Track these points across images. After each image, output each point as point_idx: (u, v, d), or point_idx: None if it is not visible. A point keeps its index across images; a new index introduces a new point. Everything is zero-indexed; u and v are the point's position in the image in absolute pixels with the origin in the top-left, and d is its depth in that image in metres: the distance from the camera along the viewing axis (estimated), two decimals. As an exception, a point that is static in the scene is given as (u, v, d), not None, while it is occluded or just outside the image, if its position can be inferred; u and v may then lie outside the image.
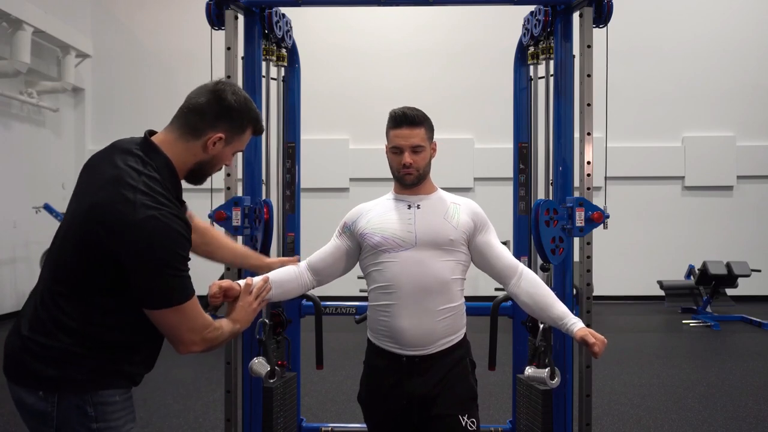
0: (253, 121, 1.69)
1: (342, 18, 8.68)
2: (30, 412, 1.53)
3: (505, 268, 2.01)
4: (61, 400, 1.49)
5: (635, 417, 4.00)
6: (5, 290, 7.54)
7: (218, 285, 1.80)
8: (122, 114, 8.94)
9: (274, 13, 2.74)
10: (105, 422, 1.50)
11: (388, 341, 1.94)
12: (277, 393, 2.72)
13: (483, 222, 2.01)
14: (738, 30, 8.65)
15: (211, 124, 1.61)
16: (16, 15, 6.95)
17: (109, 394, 1.51)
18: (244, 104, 1.65)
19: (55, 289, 1.50)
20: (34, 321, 1.51)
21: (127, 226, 1.41)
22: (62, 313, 1.48)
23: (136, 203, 1.43)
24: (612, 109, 2.86)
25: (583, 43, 2.55)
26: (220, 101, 1.61)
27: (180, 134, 1.62)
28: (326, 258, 2.07)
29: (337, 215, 2.33)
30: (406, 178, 1.97)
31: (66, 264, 1.50)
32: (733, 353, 5.83)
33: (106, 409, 1.50)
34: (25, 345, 1.50)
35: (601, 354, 1.83)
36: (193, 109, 1.62)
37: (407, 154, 1.94)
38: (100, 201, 1.46)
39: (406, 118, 1.95)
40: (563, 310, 1.94)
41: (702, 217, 8.73)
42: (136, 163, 1.52)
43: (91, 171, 1.58)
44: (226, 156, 1.68)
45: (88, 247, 1.46)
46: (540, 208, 2.47)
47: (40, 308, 1.51)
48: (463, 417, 1.90)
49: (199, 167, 1.65)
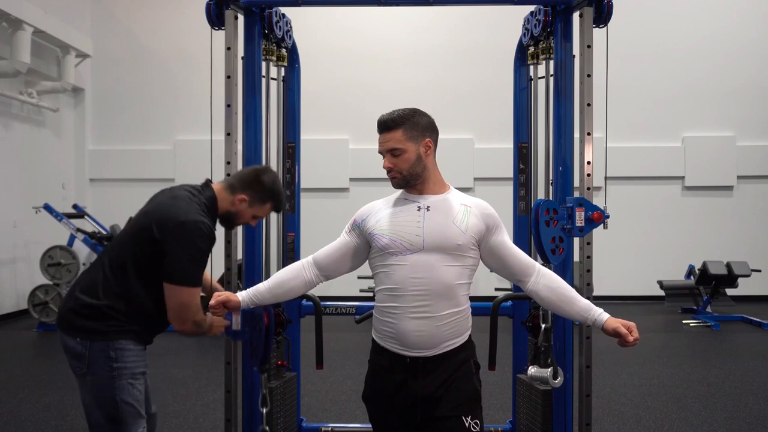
0: (274, 200, 2.32)
1: (342, 18, 8.68)
2: (70, 353, 2.12)
3: (523, 267, 2.01)
4: (92, 344, 2.08)
5: (635, 417, 4.00)
6: (5, 290, 7.53)
7: (216, 299, 2.06)
8: (122, 114, 8.94)
9: (274, 13, 2.74)
10: (123, 363, 2.10)
11: (392, 342, 1.94)
12: (277, 393, 2.72)
13: (495, 223, 2.00)
14: (738, 30, 8.65)
15: (243, 188, 2.27)
16: (16, 15, 6.95)
17: (126, 343, 2.11)
18: (272, 186, 2.30)
19: (114, 264, 2.12)
20: (86, 285, 2.13)
21: (176, 223, 2.05)
22: (114, 281, 2.10)
23: (189, 211, 2.09)
24: (612, 109, 2.85)
25: (583, 43, 2.55)
26: (256, 176, 2.28)
27: (225, 186, 2.29)
28: (333, 254, 2.07)
29: (337, 215, 2.34)
30: (392, 182, 1.99)
31: (125, 249, 2.13)
32: (733, 353, 5.83)
33: (124, 353, 2.10)
34: (74, 304, 2.12)
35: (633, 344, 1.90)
36: (239, 175, 2.33)
37: (386, 159, 1.97)
38: (158, 208, 2.14)
39: (381, 124, 1.97)
40: (587, 302, 1.98)
41: (702, 217, 8.73)
42: (192, 192, 2.21)
43: (157, 194, 2.26)
44: (247, 215, 2.31)
45: (143, 237, 2.08)
46: (540, 208, 2.47)
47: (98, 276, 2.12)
48: (466, 418, 1.90)
49: (227, 215, 2.30)
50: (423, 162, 1.96)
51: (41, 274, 6.94)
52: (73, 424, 3.87)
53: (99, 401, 2.11)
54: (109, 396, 2.09)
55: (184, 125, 8.65)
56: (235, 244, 2.63)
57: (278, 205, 2.35)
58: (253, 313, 2.48)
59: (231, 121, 2.60)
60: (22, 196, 7.63)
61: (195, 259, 2.08)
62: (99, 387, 2.10)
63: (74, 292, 2.16)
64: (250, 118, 2.72)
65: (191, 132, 8.58)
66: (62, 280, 6.86)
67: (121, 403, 2.10)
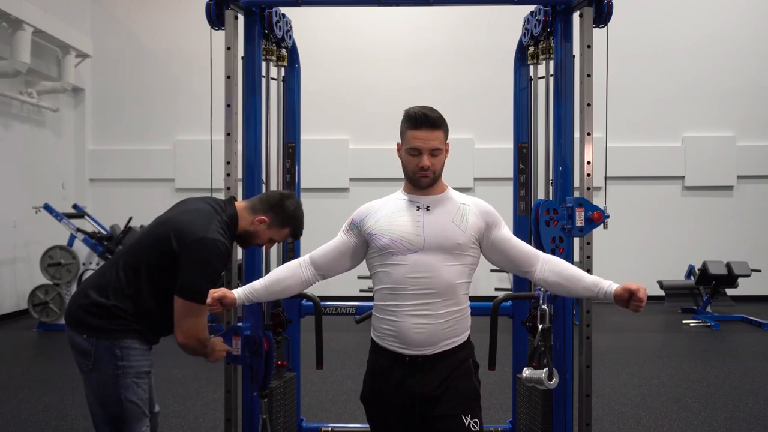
0: (293, 226, 2.33)
1: (342, 18, 8.68)
2: (77, 349, 2.14)
3: (527, 257, 2.01)
4: (98, 342, 2.10)
5: (635, 417, 4.00)
6: (5, 290, 7.53)
7: (211, 295, 2.08)
8: (122, 114, 8.94)
9: (274, 13, 2.74)
10: (128, 361, 2.11)
11: (391, 340, 1.94)
12: (277, 393, 2.72)
13: (494, 219, 2.01)
14: (738, 30, 8.65)
15: (265, 210, 2.28)
16: (16, 15, 6.95)
17: (131, 342, 2.13)
18: (294, 212, 2.32)
19: (128, 267, 2.14)
20: (98, 283, 2.15)
21: (194, 238, 2.06)
22: (126, 283, 2.12)
23: (209, 228, 2.10)
24: (612, 109, 2.85)
25: (583, 43, 2.55)
26: (280, 200, 2.30)
27: (248, 206, 2.30)
28: (330, 253, 2.07)
29: (337, 215, 2.33)
30: (423, 181, 1.94)
31: (141, 253, 2.15)
32: (733, 353, 5.83)
33: (129, 352, 2.12)
34: (83, 300, 2.14)
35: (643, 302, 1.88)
36: (264, 196, 2.36)
37: (426, 157, 1.90)
38: (179, 219, 2.14)
39: (428, 120, 1.89)
40: (594, 277, 1.99)
41: (702, 217, 8.73)
42: (215, 207, 2.22)
43: (181, 202, 2.30)
44: (264, 237, 2.31)
45: (161, 246, 2.10)
46: (540, 208, 2.47)
47: (111, 276, 2.14)
48: (466, 417, 1.91)
49: (244, 234, 2.30)
50: (444, 164, 1.98)
51: (41, 274, 6.94)
52: (73, 424, 3.87)
53: (104, 399, 2.13)
54: (114, 394, 2.11)
55: (184, 125, 8.65)
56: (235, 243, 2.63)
57: (297, 231, 2.36)
58: (253, 338, 2.49)
59: (231, 121, 2.60)
60: (22, 196, 7.62)
61: (208, 277, 2.08)
62: (104, 385, 2.12)
63: (85, 288, 2.18)
64: (250, 118, 2.72)
65: (191, 132, 8.57)
66: (62, 280, 6.86)
67: (126, 402, 2.12)
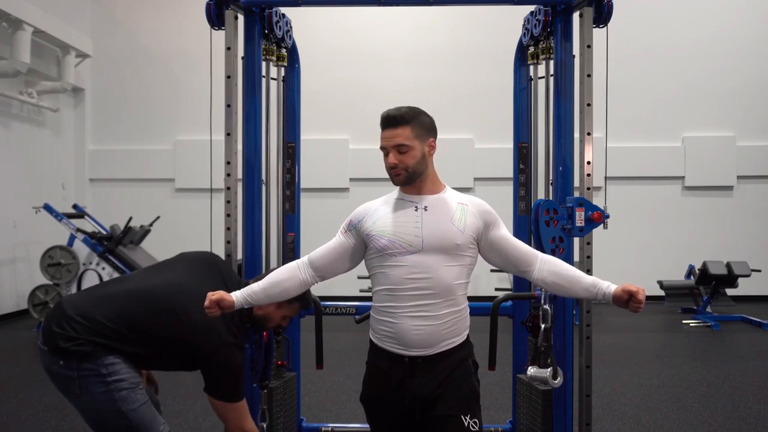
0: (301, 301, 2.32)
1: (342, 18, 8.67)
2: (56, 378, 2.05)
3: (525, 257, 2.01)
4: (79, 366, 1.99)
5: (635, 417, 4.00)
6: (5, 290, 7.53)
7: (209, 298, 1.94)
8: (122, 114, 8.93)
9: (274, 13, 2.74)
10: (117, 375, 2.04)
11: (390, 342, 1.94)
12: (277, 393, 2.72)
13: (492, 219, 2.01)
14: (738, 30, 8.65)
15: None
16: (16, 15, 6.94)
17: (115, 358, 2.06)
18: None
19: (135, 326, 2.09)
20: (86, 308, 2.06)
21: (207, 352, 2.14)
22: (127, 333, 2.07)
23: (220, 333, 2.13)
24: (612, 109, 2.85)
25: (583, 43, 2.55)
26: None
27: None
28: (328, 254, 2.06)
29: (337, 215, 2.33)
30: (395, 179, 1.96)
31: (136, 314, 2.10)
32: (733, 353, 5.83)
33: (115, 367, 2.04)
34: (66, 323, 2.02)
35: (642, 303, 1.87)
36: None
37: (391, 155, 1.93)
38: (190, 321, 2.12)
39: (388, 119, 1.93)
40: (593, 278, 2.00)
41: (702, 217, 8.73)
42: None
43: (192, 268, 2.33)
44: (276, 317, 2.32)
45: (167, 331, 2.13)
46: (540, 208, 2.47)
47: (107, 310, 2.07)
48: (465, 417, 1.91)
49: (257, 321, 2.32)
50: (426, 161, 1.97)
51: (41, 274, 6.93)
52: (73, 424, 3.86)
53: (106, 417, 2.07)
54: (115, 410, 2.05)
55: (184, 125, 8.64)
56: (235, 244, 2.63)
57: (306, 304, 2.39)
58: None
59: (231, 121, 2.60)
60: (22, 196, 7.62)
61: (234, 375, 2.16)
62: (100, 404, 2.05)
63: (67, 309, 2.07)
64: (250, 118, 2.72)
65: (191, 132, 8.57)
66: (62, 280, 6.86)
67: (130, 412, 2.07)
